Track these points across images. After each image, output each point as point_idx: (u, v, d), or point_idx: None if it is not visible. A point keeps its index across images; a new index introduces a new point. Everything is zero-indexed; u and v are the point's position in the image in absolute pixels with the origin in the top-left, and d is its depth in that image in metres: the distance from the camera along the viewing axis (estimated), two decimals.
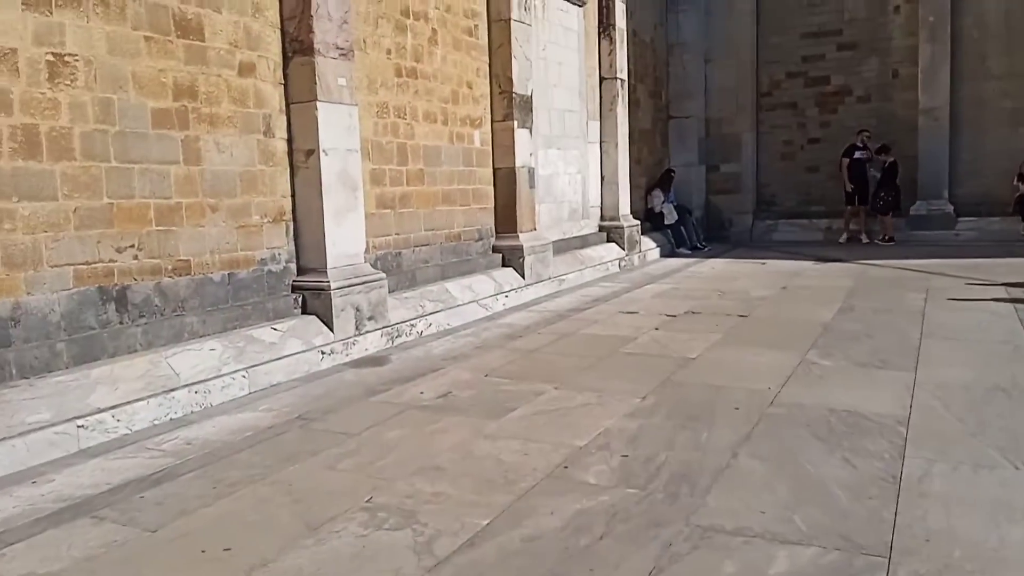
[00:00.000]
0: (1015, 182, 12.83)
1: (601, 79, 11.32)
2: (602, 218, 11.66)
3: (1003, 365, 5.44)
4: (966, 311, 7.41)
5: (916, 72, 13.45)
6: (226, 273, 5.38)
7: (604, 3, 11.19)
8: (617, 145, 11.48)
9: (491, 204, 8.77)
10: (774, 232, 14.72)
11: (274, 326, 5.40)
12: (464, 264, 8.14)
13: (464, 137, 8.28)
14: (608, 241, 11.52)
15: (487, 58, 8.61)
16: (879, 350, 6.01)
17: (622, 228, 11.58)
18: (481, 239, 8.60)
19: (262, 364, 5.14)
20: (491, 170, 8.74)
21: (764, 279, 10.06)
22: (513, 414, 4.57)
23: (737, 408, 4.62)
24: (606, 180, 11.59)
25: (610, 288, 9.73)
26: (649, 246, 12.57)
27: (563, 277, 9.63)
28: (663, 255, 12.91)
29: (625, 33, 11.57)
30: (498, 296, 8.15)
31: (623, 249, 11.55)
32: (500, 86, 8.64)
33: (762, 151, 14.96)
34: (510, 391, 5.05)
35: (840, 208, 13.83)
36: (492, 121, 8.70)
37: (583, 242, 10.89)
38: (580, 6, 10.74)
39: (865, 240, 13.55)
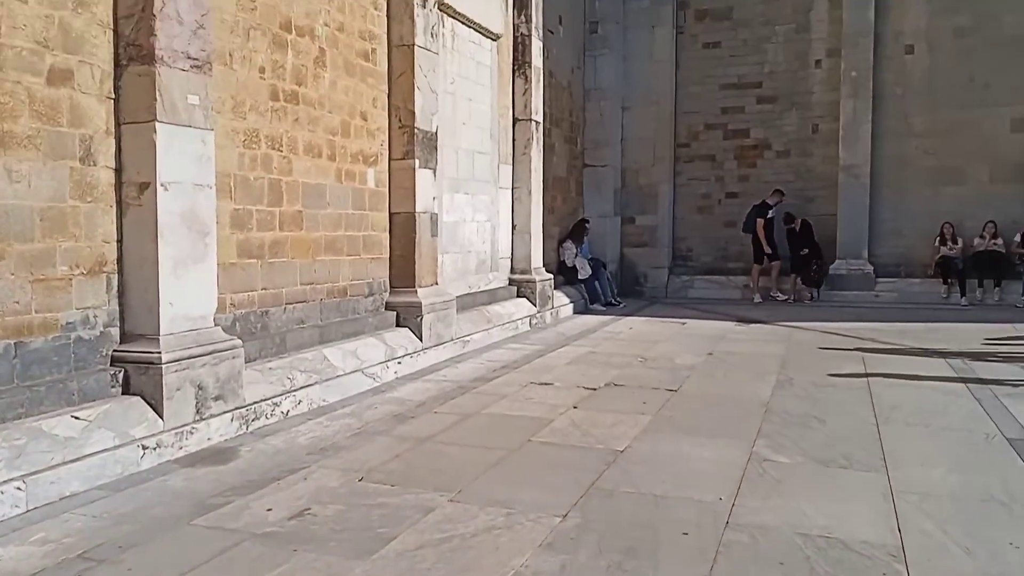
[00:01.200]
0: (936, 243, 12.51)
1: (515, 120, 10.38)
2: (513, 271, 10.63)
3: (985, 464, 4.58)
4: (916, 389, 6.63)
5: (837, 127, 13.11)
6: (11, 343, 4.00)
7: (520, 39, 10.30)
8: (531, 191, 10.52)
9: (386, 254, 7.59)
10: (690, 288, 14.03)
11: (76, 414, 4.04)
12: (350, 324, 6.90)
13: (355, 176, 7.11)
14: (519, 296, 10.48)
15: (386, 87, 7.51)
16: (836, 440, 5.09)
17: (534, 282, 10.56)
18: (372, 295, 7.39)
19: (50, 469, 3.77)
20: (387, 215, 7.58)
21: (687, 343, 9.18)
22: (390, 547, 3.35)
23: (686, 533, 3.54)
24: (518, 229, 10.59)
25: (520, 351, 8.64)
26: (562, 302, 11.59)
27: (468, 338, 8.48)
28: (576, 311, 11.95)
29: (541, 72, 10.71)
30: (389, 363, 6.93)
31: (535, 305, 10.52)
32: (400, 120, 7.53)
33: (679, 204, 14.34)
34: (389, 506, 3.83)
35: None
36: (390, 159, 7.57)
37: (491, 297, 9.80)
38: (494, 40, 9.81)
39: (782, 298, 12.96)
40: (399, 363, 7.07)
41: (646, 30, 13.98)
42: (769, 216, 13.00)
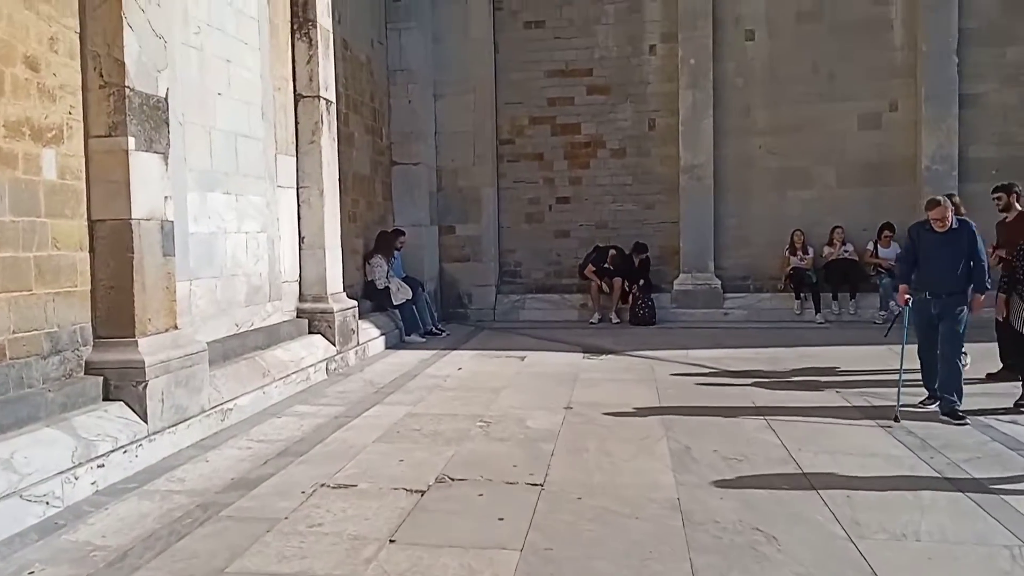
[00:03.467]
0: (786, 253, 11.29)
1: (297, 97, 7.80)
2: (302, 298, 8.02)
3: None
4: (861, 461, 4.84)
5: (676, 123, 11.60)
6: None
7: None
8: (323, 192, 7.97)
9: (84, 285, 4.81)
10: (521, 309, 12.01)
11: None
12: (8, 409, 4.09)
13: (18, 160, 4.30)
14: (311, 332, 7.89)
15: (75, 20, 4.74)
16: None
17: (332, 313, 8.02)
18: (58, 353, 4.59)
19: None
20: (85, 223, 4.81)
21: (535, 389, 7.06)
22: None
23: None
24: (307, 243, 8.00)
25: (311, 418, 6.10)
26: (371, 335, 9.11)
27: (230, 405, 5.83)
28: (389, 345, 9.51)
29: (331, 37, 8.18)
30: (83, 469, 4.19)
31: (334, 344, 7.98)
32: (103, 74, 4.80)
33: (505, 210, 12.30)
34: None
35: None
36: (87, 136, 4.81)
37: (270, 337, 7.16)
38: None
39: (615, 320, 11.23)
40: (102, 466, 4.34)
41: (458, 3, 11.82)
42: (606, 266, 11.38)
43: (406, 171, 11.36)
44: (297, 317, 7.88)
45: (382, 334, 9.39)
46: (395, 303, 9.89)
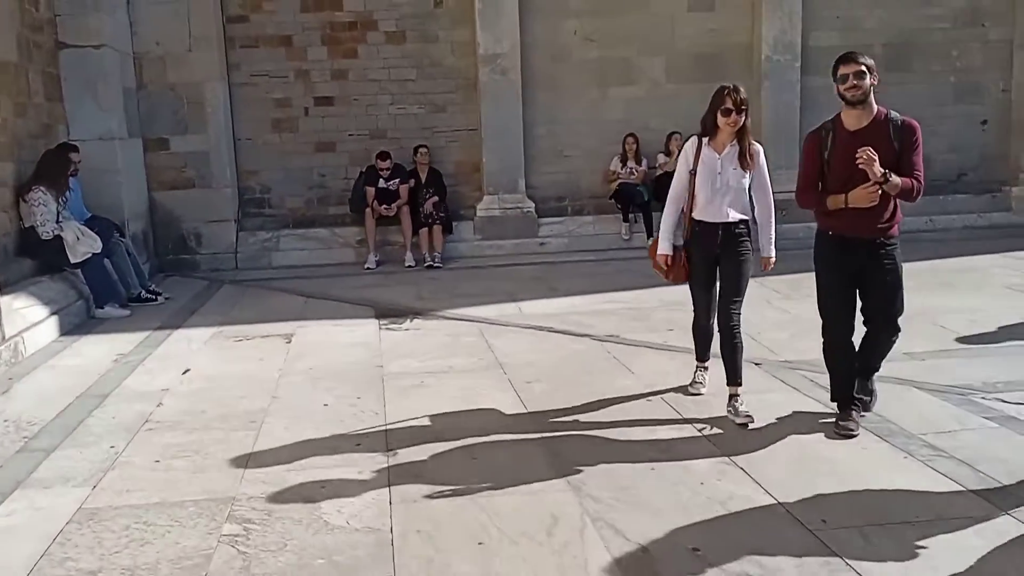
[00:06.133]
0: (612, 167, 9.10)
1: None
2: None
3: None
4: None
5: None
6: None
7: None
8: None
9: None
10: (275, 252, 8.84)
11: None
12: None
13: None
14: None
15: None
16: None
17: None
18: None
19: None
20: None
21: (318, 410, 4.26)
22: None
23: None
24: None
25: None
26: (29, 319, 5.61)
27: None
28: (68, 330, 6.04)
29: None
30: None
31: None
32: None
33: (243, 117, 8.89)
34: None
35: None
36: None
37: None
38: None
39: (409, 263, 8.48)
40: None
41: None
42: (384, 186, 8.49)
43: (83, 58, 7.52)
44: None
45: (52, 313, 5.90)
46: (74, 260, 6.37)
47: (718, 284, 4.05)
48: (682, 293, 4.39)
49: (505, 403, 4.29)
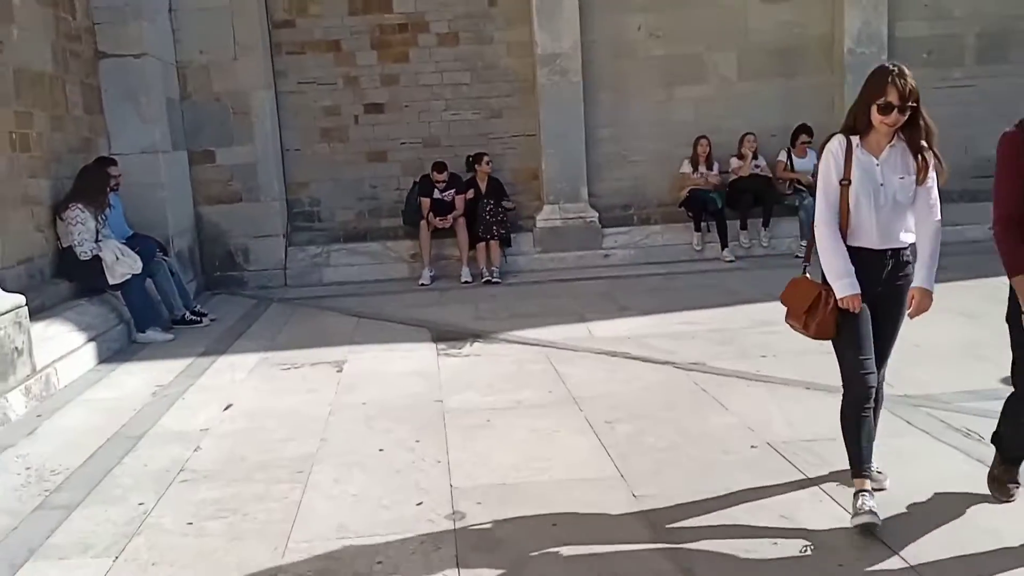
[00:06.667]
0: (684, 170, 8.46)
1: None
2: None
3: None
4: None
5: None
6: None
7: None
8: None
9: None
10: (326, 267, 8.41)
11: None
12: None
13: None
14: None
15: None
16: None
17: None
18: None
19: None
20: None
21: (373, 455, 3.76)
22: None
23: None
24: None
25: None
26: (67, 346, 5.22)
27: None
28: (106, 357, 5.65)
29: None
30: None
31: None
32: None
33: (290, 126, 8.50)
34: None
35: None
36: None
37: None
38: None
39: (466, 279, 7.94)
40: None
41: None
42: (439, 197, 8.01)
43: (123, 67, 7.17)
44: None
45: (90, 339, 5.51)
46: (113, 281, 5.98)
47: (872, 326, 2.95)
48: (772, 311, 3.76)
49: (585, 449, 3.72)
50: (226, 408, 4.51)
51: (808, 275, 3.06)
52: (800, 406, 4.16)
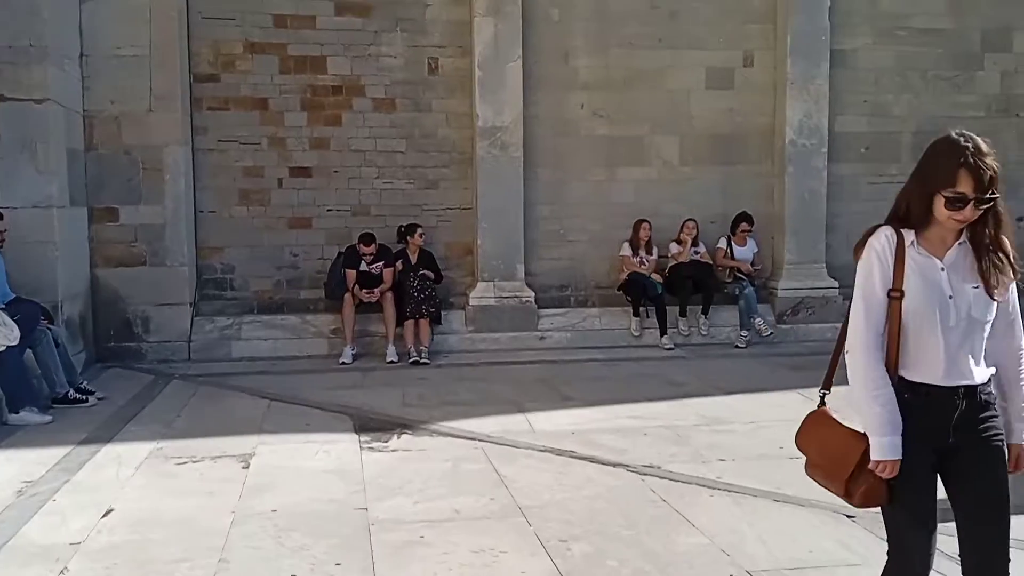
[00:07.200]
0: (623, 252, 8.15)
1: None
2: None
3: None
4: None
5: (469, 65, 7.99)
6: None
7: None
8: None
9: None
10: (236, 341, 7.66)
11: None
12: None
13: None
14: None
15: None
16: None
17: None
18: None
19: None
20: None
21: None
22: None
23: None
24: None
25: None
26: None
27: None
28: None
29: None
30: None
31: None
32: None
33: (206, 186, 7.85)
34: None
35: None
36: None
37: None
38: None
39: (391, 359, 7.33)
40: None
41: None
42: (366, 269, 7.50)
43: (22, 113, 6.42)
44: None
45: None
46: None
47: (951, 506, 2.14)
48: (721, 407, 3.33)
49: None
50: (105, 514, 3.77)
51: (829, 408, 2.28)
52: (771, 523, 3.73)
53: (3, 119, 6.42)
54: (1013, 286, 2.11)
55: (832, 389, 2.33)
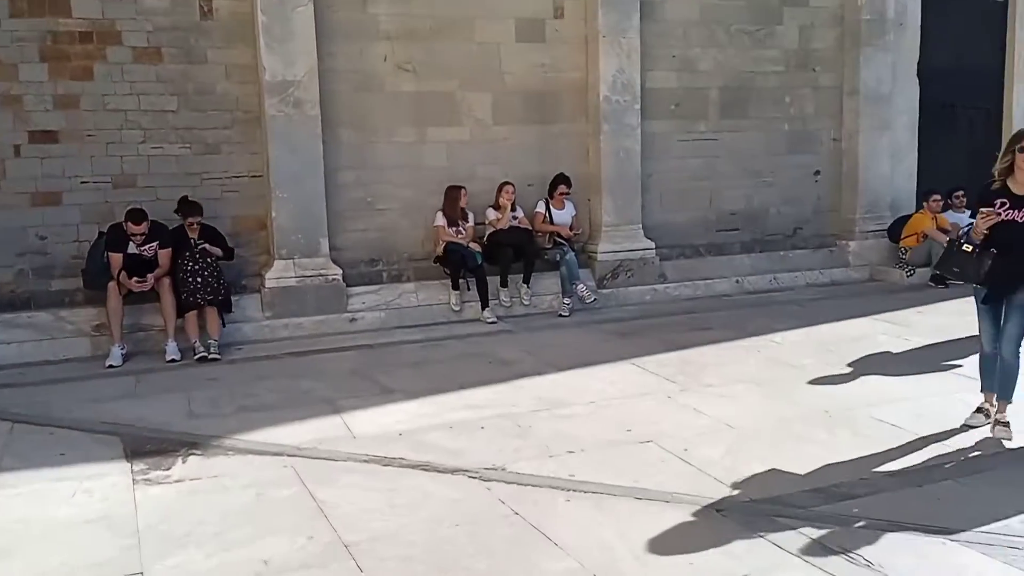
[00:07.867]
0: (438, 223, 7.44)
1: None
2: None
3: None
4: None
5: (251, 9, 6.86)
6: None
7: None
8: None
9: None
10: None
11: None
12: None
13: None
14: None
15: None
16: None
17: None
18: None
19: None
20: None
21: None
22: None
23: None
24: None
25: None
26: None
27: None
28: None
29: None
30: None
31: None
32: None
33: None
34: None
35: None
36: None
37: None
38: None
39: (172, 356, 6.22)
40: None
41: None
42: (135, 251, 6.27)
43: None
44: None
45: None
46: None
47: None
48: (559, 387, 2.83)
49: None
50: None
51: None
52: (641, 531, 3.26)
53: None
54: None
55: None
